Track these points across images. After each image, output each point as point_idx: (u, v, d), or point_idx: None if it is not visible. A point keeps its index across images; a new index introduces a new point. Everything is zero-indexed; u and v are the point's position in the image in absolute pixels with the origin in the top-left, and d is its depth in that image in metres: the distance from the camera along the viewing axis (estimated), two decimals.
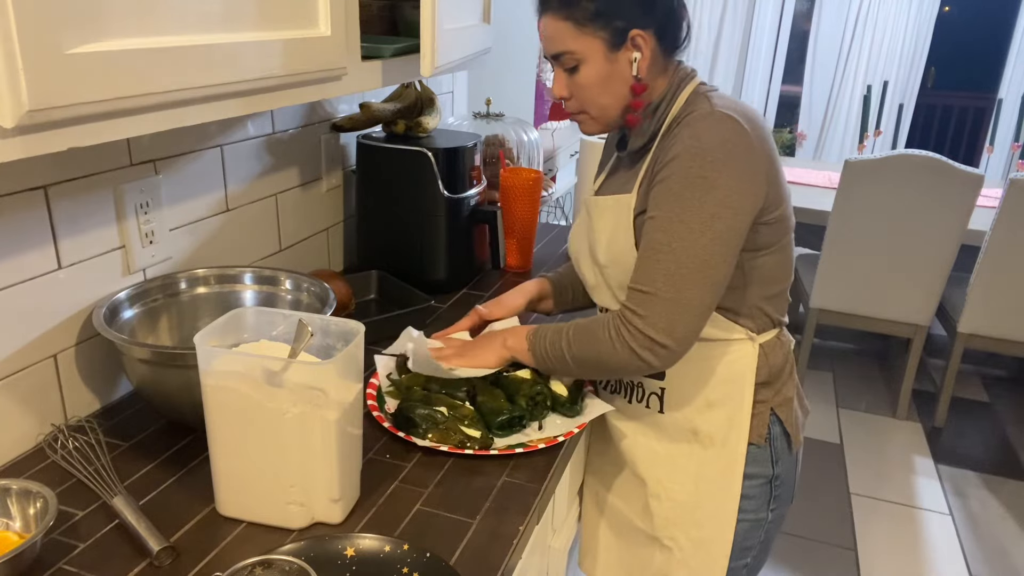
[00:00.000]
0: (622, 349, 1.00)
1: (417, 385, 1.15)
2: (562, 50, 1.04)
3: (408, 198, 1.57)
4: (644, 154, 1.09)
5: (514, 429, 1.10)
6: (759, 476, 1.14)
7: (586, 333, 1.05)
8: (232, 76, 0.82)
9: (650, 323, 0.97)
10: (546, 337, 1.09)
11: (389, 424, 1.09)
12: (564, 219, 3.71)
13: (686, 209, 0.96)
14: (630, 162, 1.14)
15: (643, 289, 0.98)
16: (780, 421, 1.15)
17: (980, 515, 2.66)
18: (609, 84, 1.04)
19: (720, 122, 0.97)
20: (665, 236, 0.97)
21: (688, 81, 1.08)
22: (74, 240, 1.05)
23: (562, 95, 1.09)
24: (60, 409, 1.07)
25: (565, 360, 1.07)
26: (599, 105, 1.07)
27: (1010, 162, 4.15)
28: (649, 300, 0.98)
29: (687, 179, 0.96)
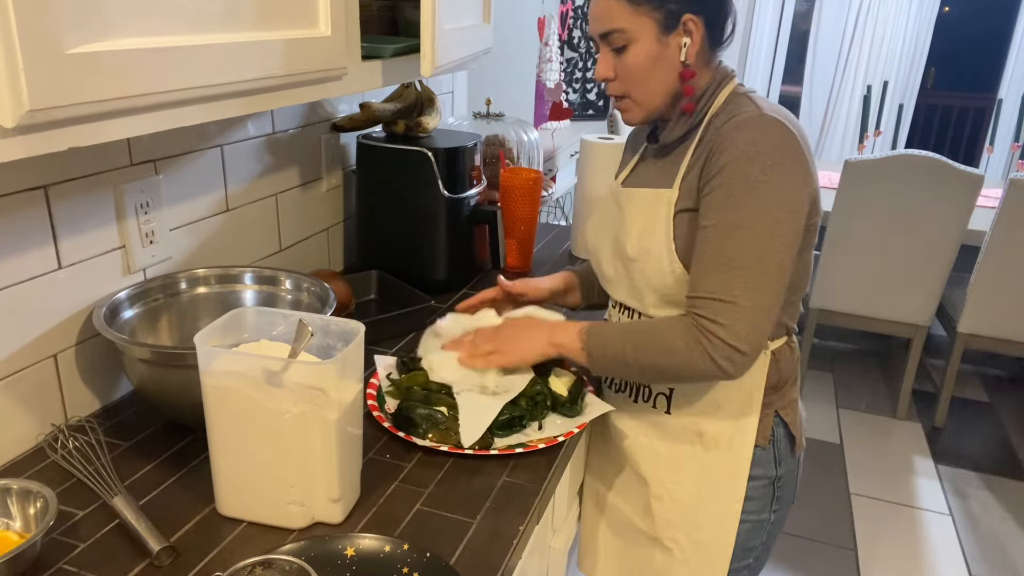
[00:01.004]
0: (701, 359, 0.98)
1: (417, 385, 1.15)
2: (612, 28, 1.03)
3: (408, 198, 1.57)
4: (678, 148, 1.09)
5: (514, 429, 1.10)
6: (762, 477, 1.14)
7: (655, 342, 1.02)
8: (232, 76, 0.82)
9: (732, 332, 0.96)
10: (604, 339, 1.06)
11: (389, 424, 1.09)
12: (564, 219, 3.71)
13: (752, 215, 0.96)
14: (662, 155, 1.13)
15: (721, 298, 0.97)
16: (784, 423, 1.15)
17: (980, 515, 2.66)
18: (657, 67, 1.04)
19: (772, 125, 0.98)
20: (735, 243, 0.97)
21: (728, 80, 1.08)
22: (74, 240, 1.05)
23: (607, 76, 1.07)
24: (60, 409, 1.07)
25: (626, 365, 1.05)
26: (645, 89, 1.06)
27: (1010, 162, 4.15)
28: (729, 309, 0.96)
29: (747, 184, 0.96)
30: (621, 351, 1.04)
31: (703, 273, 0.99)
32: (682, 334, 1.00)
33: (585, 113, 4.52)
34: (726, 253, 0.97)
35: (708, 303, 0.98)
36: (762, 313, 0.97)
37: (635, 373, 1.07)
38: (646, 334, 1.04)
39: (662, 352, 1.01)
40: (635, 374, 1.08)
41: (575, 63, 4.46)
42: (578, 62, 4.46)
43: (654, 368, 1.04)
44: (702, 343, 0.98)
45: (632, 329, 1.06)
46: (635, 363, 1.04)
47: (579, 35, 4.41)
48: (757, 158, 0.96)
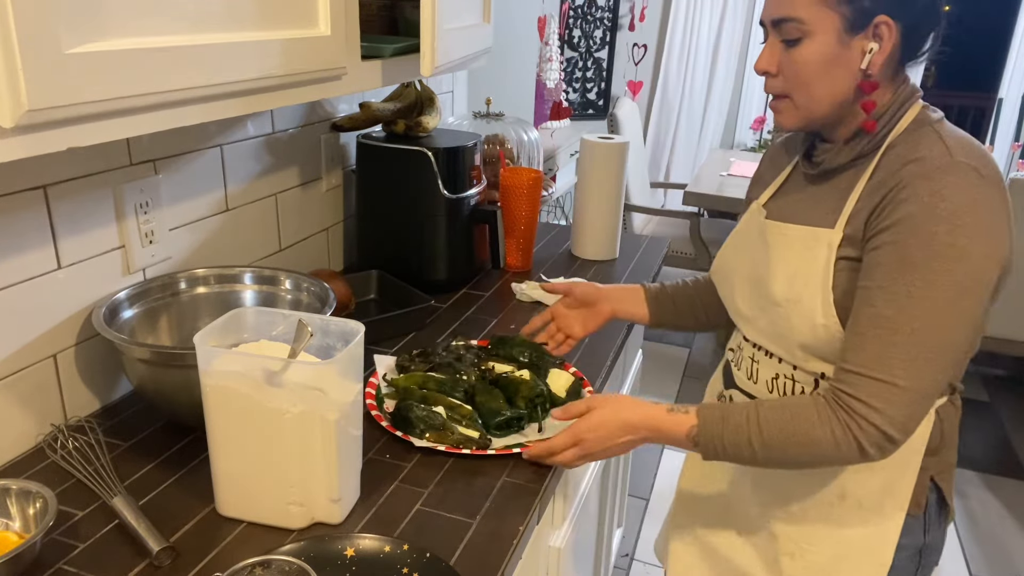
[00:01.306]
0: (847, 448, 0.86)
1: (415, 385, 1.15)
2: (789, 16, 0.89)
3: (408, 198, 1.57)
4: (842, 175, 0.96)
5: (512, 430, 1.10)
6: (908, 547, 1.00)
7: (789, 434, 0.88)
8: (232, 76, 0.82)
9: (888, 418, 0.84)
10: (723, 435, 0.92)
11: (387, 423, 1.09)
12: (564, 219, 3.71)
13: (930, 283, 0.82)
14: (820, 180, 0.99)
15: (878, 377, 0.84)
16: (939, 489, 1.01)
17: (980, 515, 2.66)
18: (831, 71, 0.90)
19: (965, 176, 0.83)
20: (903, 314, 0.83)
21: (913, 101, 0.94)
22: (74, 240, 1.04)
23: (767, 70, 0.94)
24: (60, 409, 1.07)
25: (755, 460, 0.92)
26: (810, 94, 0.92)
27: (1010, 162, 4.15)
28: (888, 392, 0.84)
29: (931, 246, 0.82)
30: (748, 448, 0.91)
31: (858, 343, 0.86)
32: (824, 420, 0.86)
33: (585, 112, 4.52)
34: (890, 323, 0.83)
35: (861, 381, 0.85)
36: (924, 396, 0.85)
37: (760, 462, 0.93)
38: (779, 427, 0.89)
39: (800, 444, 0.88)
40: (760, 463, 0.93)
41: (575, 63, 4.46)
42: (578, 62, 4.47)
43: (786, 462, 0.92)
44: (850, 429, 0.85)
45: (758, 420, 0.90)
46: (765, 458, 0.91)
47: (579, 34, 4.41)
48: (945, 217, 0.81)
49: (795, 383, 1.00)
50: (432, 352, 1.26)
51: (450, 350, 1.28)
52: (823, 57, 0.89)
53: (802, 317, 0.94)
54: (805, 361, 0.98)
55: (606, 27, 4.44)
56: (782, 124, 0.97)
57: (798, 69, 0.91)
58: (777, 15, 0.91)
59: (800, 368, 0.99)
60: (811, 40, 0.89)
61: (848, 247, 0.91)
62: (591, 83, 4.51)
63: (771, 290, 0.98)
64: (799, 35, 0.89)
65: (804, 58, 0.90)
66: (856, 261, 0.90)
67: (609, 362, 1.35)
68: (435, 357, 1.25)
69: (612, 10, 4.41)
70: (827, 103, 0.92)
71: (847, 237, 0.91)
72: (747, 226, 1.09)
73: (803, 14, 0.88)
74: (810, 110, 0.93)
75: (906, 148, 0.89)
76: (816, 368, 0.97)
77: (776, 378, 1.02)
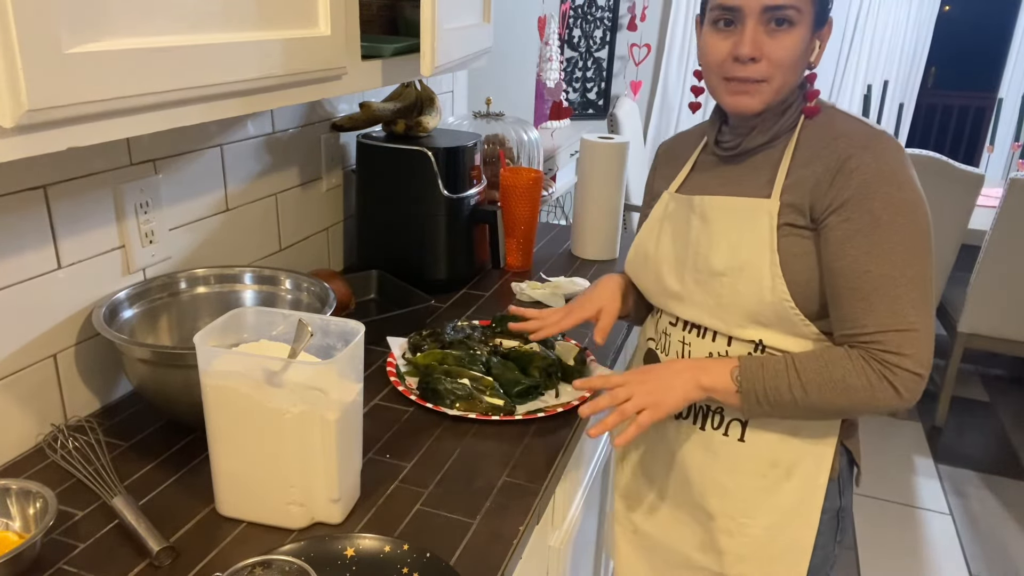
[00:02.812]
0: (885, 394, 0.93)
1: (435, 362, 1.23)
2: (790, 3, 0.95)
3: (408, 198, 1.57)
4: (760, 154, 1.04)
5: (531, 397, 1.19)
6: (828, 510, 1.08)
7: (828, 381, 0.94)
8: (232, 76, 0.82)
9: (917, 361, 0.92)
10: (763, 379, 0.97)
11: (416, 396, 1.16)
12: (564, 219, 3.71)
13: (902, 235, 0.93)
14: (735, 161, 1.07)
15: (900, 328, 0.92)
16: (848, 451, 1.10)
17: (980, 515, 2.66)
18: (801, 59, 0.99)
19: (889, 141, 0.96)
20: (895, 268, 0.93)
21: None
22: (74, 240, 1.05)
23: (754, 54, 0.97)
24: (60, 409, 1.07)
25: (793, 406, 0.97)
26: (786, 77, 0.99)
27: (1010, 162, 4.15)
28: (912, 338, 0.92)
29: (892, 204, 0.93)
30: (787, 393, 0.96)
31: (866, 307, 0.93)
32: (860, 370, 0.94)
33: (585, 112, 4.52)
34: (888, 279, 0.93)
35: (886, 336, 0.93)
36: (932, 331, 0.94)
37: (802, 414, 0.99)
38: (816, 373, 0.95)
39: (843, 392, 0.94)
40: (801, 414, 0.99)
41: (575, 62, 4.46)
42: (578, 61, 4.46)
43: (827, 409, 0.97)
44: (886, 377, 0.93)
45: (796, 367, 0.96)
46: (804, 404, 0.96)
47: (579, 34, 4.41)
48: (891, 176, 0.93)
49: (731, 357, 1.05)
50: (441, 331, 1.34)
51: (458, 329, 1.36)
52: (803, 44, 0.97)
53: (748, 282, 1.00)
54: (744, 331, 1.03)
55: (606, 27, 4.44)
56: (749, 108, 1.01)
57: (784, 54, 0.97)
58: (777, 1, 0.95)
59: (736, 339, 1.04)
60: (798, 28, 0.96)
61: (791, 214, 0.98)
62: (591, 83, 4.51)
63: (711, 262, 1.03)
64: (792, 22, 0.96)
65: (792, 43, 0.96)
66: (801, 228, 0.98)
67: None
68: (444, 336, 1.32)
69: (612, 10, 4.41)
70: (789, 88, 1.00)
71: (786, 205, 0.99)
72: (666, 213, 1.13)
73: (799, 2, 0.95)
74: (777, 93, 1.00)
75: (821, 127, 1.00)
76: (754, 336, 1.03)
77: (710, 356, 1.07)
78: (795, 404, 0.96)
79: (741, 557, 1.11)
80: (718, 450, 1.09)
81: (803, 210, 0.98)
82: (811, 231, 0.98)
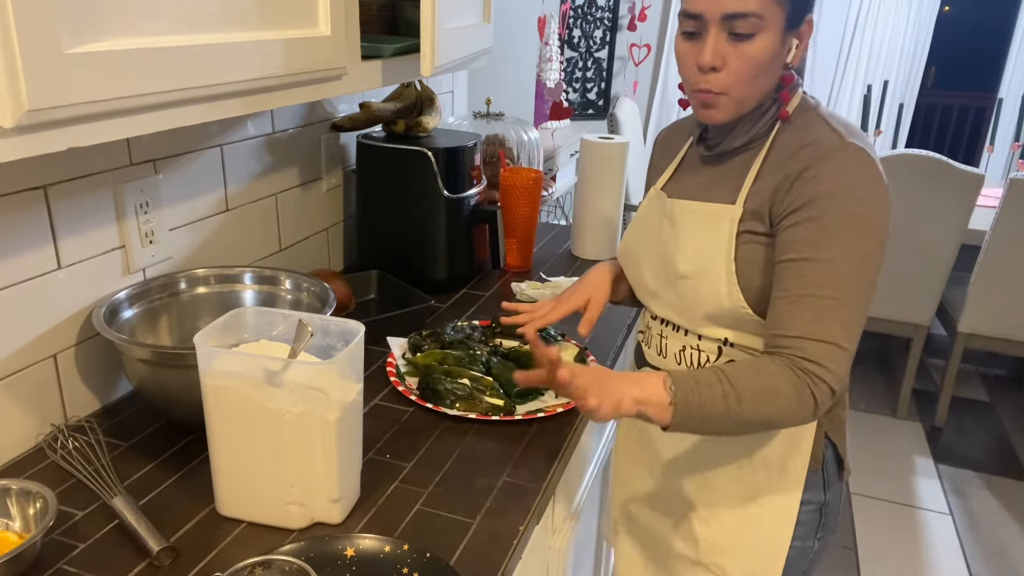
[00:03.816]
0: (806, 405, 0.90)
1: (435, 362, 1.23)
2: (749, 11, 0.90)
3: (408, 198, 1.57)
4: (737, 157, 1.02)
5: (531, 397, 1.19)
6: (811, 502, 1.08)
7: (758, 389, 0.90)
8: (232, 76, 0.82)
9: (835, 376, 0.90)
10: (697, 392, 0.91)
11: (416, 396, 1.16)
12: (564, 219, 3.71)
13: (848, 251, 0.90)
14: (715, 162, 1.05)
15: (823, 339, 0.90)
16: (833, 445, 1.08)
17: (980, 515, 2.66)
18: (771, 65, 0.94)
19: (856, 155, 0.92)
20: (830, 280, 0.90)
21: (797, 87, 1.02)
22: (74, 240, 1.05)
23: (715, 63, 0.93)
24: (60, 409, 1.07)
25: (726, 418, 0.91)
26: (750, 88, 0.95)
27: (1010, 162, 4.15)
28: (834, 353, 0.90)
29: (845, 218, 0.90)
30: (722, 402, 0.90)
31: (793, 311, 0.92)
32: (785, 375, 0.90)
33: (585, 112, 4.52)
34: (821, 291, 0.90)
35: (810, 345, 0.90)
36: (852, 354, 0.92)
37: (734, 428, 0.94)
38: (748, 380, 0.91)
39: (769, 399, 0.90)
40: (731, 427, 0.93)
41: (575, 63, 4.46)
42: (578, 61, 4.46)
43: (756, 420, 0.92)
44: (809, 387, 0.90)
45: (728, 376, 0.91)
46: (737, 415, 0.91)
47: (579, 34, 4.41)
48: (850, 191, 0.90)
49: (700, 352, 1.07)
50: (441, 331, 1.34)
51: (458, 329, 1.36)
52: (771, 52, 0.93)
53: (708, 287, 1.00)
54: (709, 330, 1.04)
55: (606, 27, 4.44)
56: (713, 120, 0.99)
57: (748, 64, 0.93)
58: (734, 9, 0.90)
59: (705, 337, 1.05)
60: (763, 35, 0.91)
61: (751, 221, 0.97)
62: (591, 83, 4.51)
63: (677, 265, 1.03)
64: (753, 30, 0.91)
65: (756, 53, 0.92)
66: (761, 235, 0.97)
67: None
68: (444, 336, 1.32)
69: (612, 10, 4.41)
70: (758, 97, 0.97)
71: (749, 212, 0.98)
72: (649, 210, 1.13)
73: (762, 10, 0.90)
74: (744, 104, 0.97)
75: (796, 132, 0.97)
76: (719, 335, 1.04)
77: (683, 350, 1.08)
78: (728, 414, 0.90)
79: (717, 546, 1.11)
80: (696, 440, 1.11)
81: (763, 217, 0.97)
82: (770, 238, 0.97)
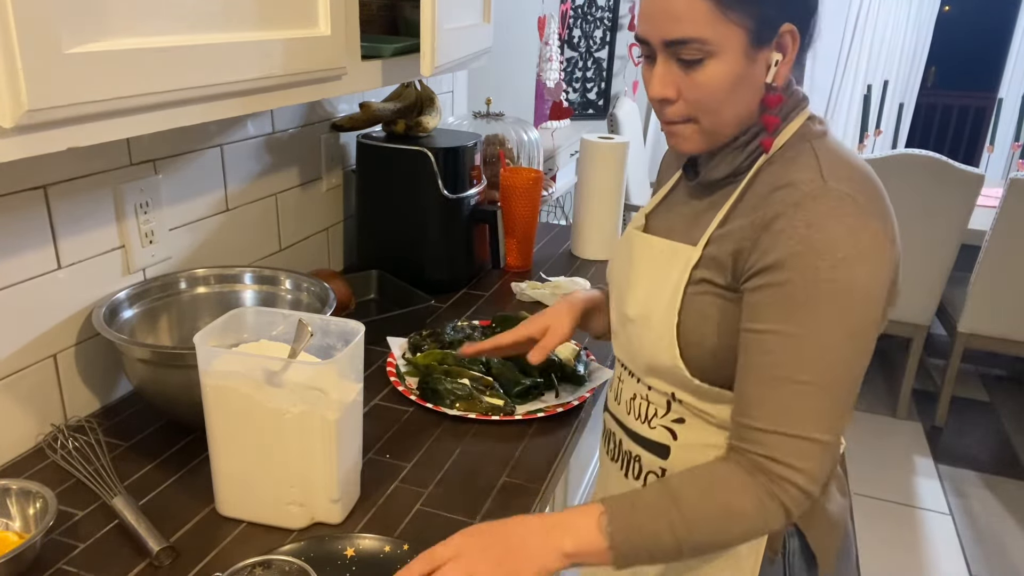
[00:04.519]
0: (775, 513, 0.76)
1: (435, 362, 1.24)
2: (690, 37, 0.76)
3: (408, 198, 1.57)
4: (718, 191, 0.88)
5: (530, 397, 1.19)
6: None
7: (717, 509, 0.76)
8: (232, 76, 0.82)
9: (809, 476, 0.75)
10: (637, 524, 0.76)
11: (416, 396, 1.16)
12: (564, 219, 3.71)
13: (821, 324, 0.74)
14: (699, 194, 0.91)
15: (791, 433, 0.75)
16: (799, 533, 0.89)
17: (980, 515, 2.65)
18: (738, 90, 0.79)
19: (839, 204, 0.75)
20: (802, 361, 0.75)
21: (799, 109, 0.85)
22: (74, 240, 1.05)
23: (665, 95, 0.81)
24: (60, 409, 1.07)
25: (677, 550, 0.76)
26: (718, 116, 0.81)
27: (1010, 162, 4.15)
28: (805, 448, 0.75)
29: (816, 285, 0.74)
30: (668, 535, 0.75)
31: (759, 395, 0.77)
32: (746, 488, 0.76)
33: (585, 112, 4.52)
34: (791, 372, 0.75)
35: (774, 439, 0.75)
36: (836, 447, 0.77)
37: (688, 555, 0.78)
38: (699, 501, 0.76)
39: (726, 521, 0.76)
40: (687, 556, 0.78)
41: (575, 63, 4.46)
42: (578, 61, 4.46)
43: (716, 544, 0.79)
44: (775, 495, 0.75)
45: (676, 501, 0.76)
46: (690, 546, 0.76)
47: (579, 34, 4.41)
48: (824, 250, 0.74)
49: (649, 403, 0.92)
50: (441, 331, 1.34)
51: (458, 329, 1.37)
52: (731, 77, 0.78)
53: (650, 337, 0.87)
54: (654, 381, 0.91)
55: (606, 27, 4.44)
56: (683, 150, 0.86)
57: (704, 94, 0.79)
58: (674, 35, 0.77)
59: (653, 388, 0.91)
60: (715, 61, 0.77)
61: (710, 269, 0.83)
62: (591, 83, 4.51)
63: (626, 308, 0.92)
64: (702, 56, 0.77)
65: (710, 81, 0.78)
66: (720, 288, 0.82)
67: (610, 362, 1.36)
68: (444, 336, 1.33)
69: (612, 10, 4.41)
70: (734, 124, 0.83)
71: (709, 258, 0.83)
72: (624, 235, 1.01)
73: (707, 34, 0.76)
74: (717, 133, 0.84)
75: (780, 168, 0.82)
76: (666, 389, 0.89)
77: (634, 398, 0.95)
78: (678, 547, 0.76)
79: None
80: None
81: (724, 266, 0.82)
82: (733, 292, 0.82)
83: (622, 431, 0.97)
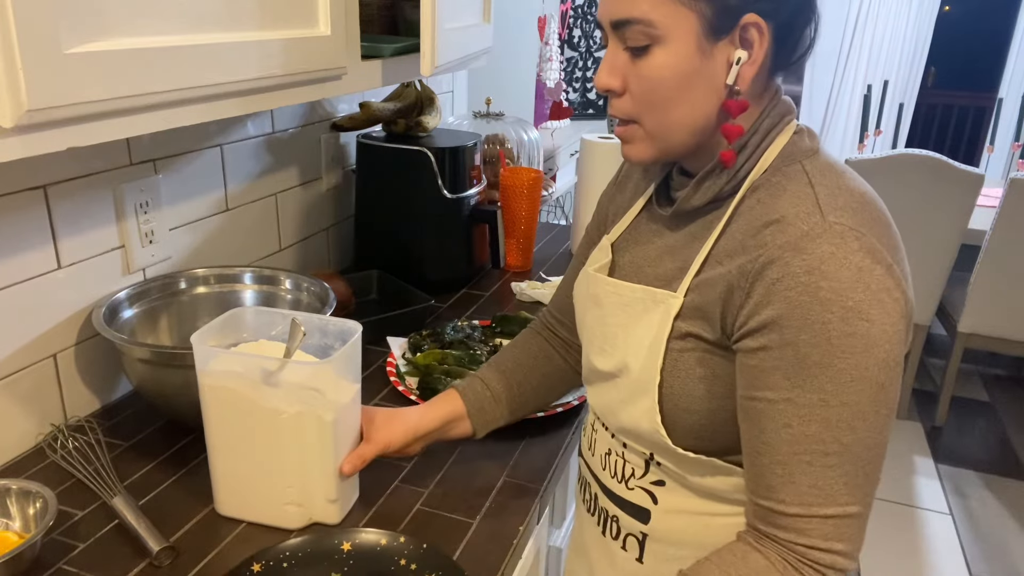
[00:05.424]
0: None
1: (435, 362, 1.24)
2: (633, 17, 0.68)
3: (408, 198, 1.57)
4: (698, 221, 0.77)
5: None
6: None
7: None
8: (232, 76, 0.82)
9: (852, 556, 0.68)
10: None
11: (416, 396, 1.16)
12: (564, 218, 3.71)
13: (845, 387, 0.65)
14: (674, 224, 0.80)
15: (828, 514, 0.67)
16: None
17: (980, 515, 2.65)
18: (689, 87, 0.70)
19: (844, 243, 0.65)
20: (827, 429, 0.66)
21: (783, 124, 0.74)
22: (74, 240, 1.05)
23: (610, 86, 0.73)
24: (60, 409, 1.07)
25: None
26: (665, 117, 0.72)
27: (1010, 162, 4.14)
28: (843, 526, 0.67)
29: (829, 342, 0.64)
30: None
31: (785, 474, 0.68)
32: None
33: (585, 112, 4.52)
34: (817, 446, 0.66)
35: (812, 525, 0.67)
36: (869, 512, 0.69)
37: None
38: None
39: None
40: None
41: (575, 62, 4.46)
42: (578, 61, 4.46)
43: None
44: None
45: None
46: None
47: (579, 34, 4.41)
48: (832, 300, 0.64)
49: (626, 462, 0.84)
50: (441, 331, 1.34)
51: (458, 329, 1.36)
52: (679, 70, 0.69)
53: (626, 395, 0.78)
54: (630, 441, 0.82)
55: None
56: (630, 158, 0.76)
57: (648, 86, 0.70)
58: (619, 15, 0.69)
59: (629, 447, 0.83)
60: (663, 48, 0.68)
61: (695, 320, 0.73)
62: (591, 83, 4.51)
63: (596, 358, 0.82)
64: (647, 41, 0.69)
65: (655, 71, 0.69)
66: (709, 344, 0.73)
67: None
68: (444, 336, 1.33)
69: None
70: (685, 130, 0.72)
71: (693, 307, 0.73)
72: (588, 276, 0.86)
73: (652, 15, 0.67)
74: (665, 140, 0.73)
75: (769, 197, 0.71)
76: (644, 449, 0.81)
77: (608, 454, 0.86)
78: None
79: None
80: (620, 566, 0.88)
81: (711, 318, 0.72)
82: (724, 350, 0.72)
83: (597, 485, 0.89)
